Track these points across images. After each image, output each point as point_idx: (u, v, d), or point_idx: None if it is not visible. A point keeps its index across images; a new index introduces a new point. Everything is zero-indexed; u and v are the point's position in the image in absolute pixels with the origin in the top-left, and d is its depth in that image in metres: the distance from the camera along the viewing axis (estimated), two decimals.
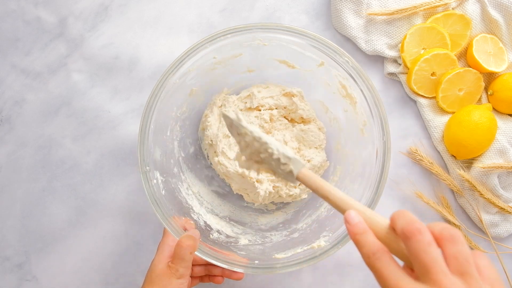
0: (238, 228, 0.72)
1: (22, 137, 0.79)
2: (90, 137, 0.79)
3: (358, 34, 0.79)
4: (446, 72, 0.76)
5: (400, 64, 0.79)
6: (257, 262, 0.61)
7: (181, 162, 0.74)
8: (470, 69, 0.76)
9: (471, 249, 0.77)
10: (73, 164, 0.79)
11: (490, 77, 0.80)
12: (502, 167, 0.74)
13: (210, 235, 0.67)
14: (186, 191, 0.72)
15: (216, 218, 0.72)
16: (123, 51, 0.80)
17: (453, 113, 0.78)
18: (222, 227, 0.71)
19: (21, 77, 0.80)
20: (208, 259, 0.59)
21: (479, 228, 0.78)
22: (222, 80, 0.74)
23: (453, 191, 0.79)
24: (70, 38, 0.80)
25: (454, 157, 0.78)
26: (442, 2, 0.77)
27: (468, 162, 0.77)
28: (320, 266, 0.77)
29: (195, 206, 0.71)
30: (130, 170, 0.78)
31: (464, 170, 0.76)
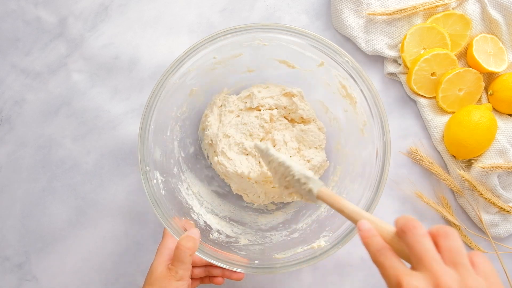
0: (238, 228, 0.72)
1: (22, 137, 0.79)
2: (90, 137, 0.79)
3: (358, 34, 0.79)
4: (446, 72, 0.76)
5: (400, 64, 0.79)
6: (257, 262, 0.61)
7: (181, 162, 0.74)
8: (470, 69, 0.76)
9: (471, 249, 0.77)
10: (73, 164, 0.79)
11: (490, 77, 0.80)
12: (502, 167, 0.74)
13: (210, 235, 0.67)
14: (186, 191, 0.72)
15: (216, 218, 0.72)
16: (123, 51, 0.80)
17: (453, 113, 0.78)
18: (222, 227, 0.71)
19: (21, 77, 0.80)
20: (208, 259, 0.60)
21: (479, 228, 0.78)
22: (222, 80, 0.74)
23: (453, 191, 0.79)
24: (70, 38, 0.80)
25: (454, 157, 0.78)
26: (442, 2, 0.77)
27: (468, 162, 0.77)
28: (320, 266, 0.77)
29: (195, 206, 0.71)
30: (130, 170, 0.78)
31: (464, 170, 0.76)
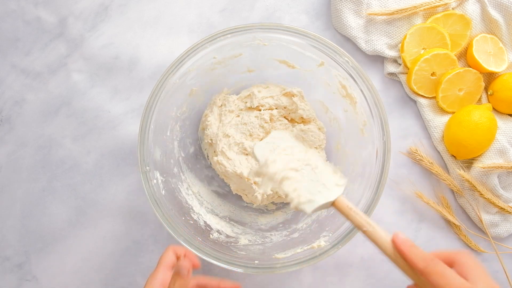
0: (238, 228, 0.72)
1: (22, 137, 0.79)
2: (90, 137, 0.79)
3: (358, 34, 0.79)
4: (446, 72, 0.76)
5: (400, 64, 0.79)
6: (257, 262, 0.61)
7: (181, 162, 0.74)
8: (470, 69, 0.76)
9: (471, 249, 0.77)
10: (73, 164, 0.79)
11: (490, 77, 0.80)
12: (502, 167, 0.74)
13: (210, 235, 0.67)
14: (186, 191, 0.72)
15: (216, 218, 0.72)
16: (123, 51, 0.80)
17: (453, 113, 0.78)
18: (222, 227, 0.71)
19: (21, 77, 0.80)
20: (208, 259, 0.60)
21: (479, 228, 0.78)
22: (222, 80, 0.74)
23: (453, 191, 0.79)
24: (70, 38, 0.80)
25: (454, 157, 0.77)
26: (442, 2, 0.77)
27: (468, 162, 0.77)
28: (320, 266, 0.77)
29: (195, 206, 0.71)
30: (130, 170, 0.78)
31: (464, 170, 0.76)
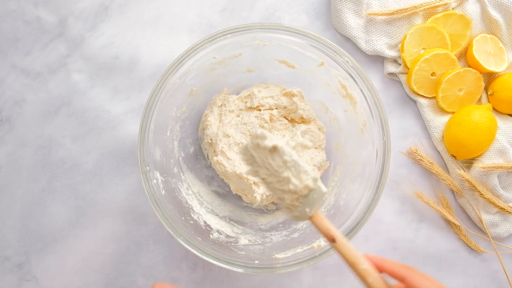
0: (238, 228, 0.72)
1: (22, 137, 0.79)
2: (90, 137, 0.79)
3: (358, 34, 0.79)
4: (446, 72, 0.76)
5: (400, 64, 0.79)
6: (257, 262, 0.61)
7: (181, 162, 0.74)
8: (470, 69, 0.76)
9: (471, 249, 0.77)
10: (73, 164, 0.79)
11: (490, 77, 0.80)
12: (502, 167, 0.74)
13: (210, 235, 0.67)
14: (186, 191, 0.72)
15: (216, 218, 0.72)
16: (123, 51, 0.80)
17: (453, 113, 0.78)
18: (222, 227, 0.71)
19: (21, 77, 0.80)
20: (208, 259, 0.60)
21: (479, 228, 0.78)
22: (222, 80, 0.74)
23: (453, 191, 0.79)
24: (70, 38, 0.80)
25: (454, 157, 0.78)
26: (442, 2, 0.77)
27: (468, 162, 0.77)
28: (320, 266, 0.77)
29: (195, 206, 0.71)
30: (130, 170, 0.78)
31: (464, 170, 0.76)
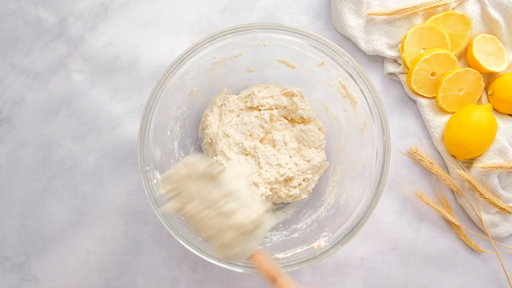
0: None
1: (22, 137, 0.79)
2: (90, 137, 0.79)
3: (358, 34, 0.79)
4: (446, 72, 0.76)
5: (400, 64, 0.79)
6: None
7: None
8: (470, 69, 0.76)
9: (471, 249, 0.77)
10: (73, 164, 0.79)
11: (490, 77, 0.80)
12: (502, 167, 0.74)
13: None
14: None
15: None
16: (123, 51, 0.80)
17: (453, 113, 0.78)
18: None
19: (21, 77, 0.80)
20: (208, 259, 0.60)
21: (479, 228, 0.78)
22: (222, 80, 0.74)
23: (453, 191, 0.79)
24: (70, 38, 0.80)
25: (454, 157, 0.78)
26: (442, 2, 0.77)
27: (468, 162, 0.77)
28: (320, 266, 0.77)
29: None
30: (130, 170, 0.78)
31: (464, 170, 0.76)
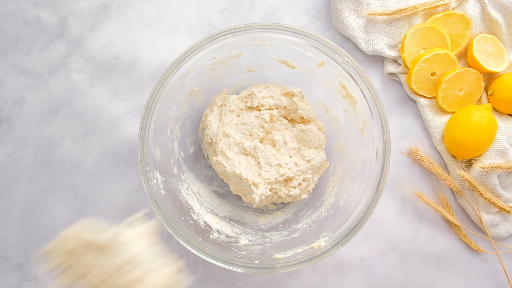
0: (238, 228, 0.72)
1: (22, 137, 0.79)
2: (90, 137, 0.79)
3: (358, 34, 0.79)
4: (446, 72, 0.76)
5: (400, 64, 0.79)
6: (257, 262, 0.61)
7: (181, 162, 0.74)
8: (470, 69, 0.76)
9: (471, 249, 0.77)
10: (73, 164, 0.79)
11: (490, 77, 0.80)
12: (502, 167, 0.74)
13: (210, 235, 0.67)
14: (186, 191, 0.72)
15: (216, 218, 0.72)
16: (123, 51, 0.80)
17: (453, 113, 0.78)
18: (222, 227, 0.71)
19: (21, 77, 0.80)
20: (208, 259, 0.60)
21: (479, 228, 0.78)
22: (222, 80, 0.74)
23: (453, 191, 0.79)
24: (70, 38, 0.80)
25: (454, 157, 0.78)
26: (442, 2, 0.77)
27: (468, 162, 0.77)
28: (320, 266, 0.77)
29: (195, 206, 0.71)
30: (130, 170, 0.78)
31: (464, 170, 0.76)
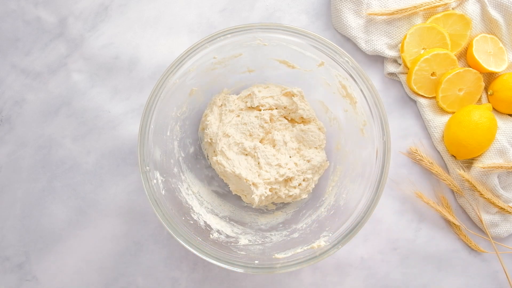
0: (238, 228, 0.72)
1: (22, 137, 0.79)
2: (90, 137, 0.79)
3: (358, 34, 0.79)
4: (446, 72, 0.76)
5: (400, 64, 0.79)
6: (257, 262, 0.61)
7: (181, 162, 0.74)
8: (470, 69, 0.76)
9: (471, 249, 0.77)
10: (73, 164, 0.79)
11: (490, 77, 0.80)
12: (502, 167, 0.74)
13: (210, 235, 0.67)
14: (186, 191, 0.72)
15: (216, 218, 0.72)
16: (123, 51, 0.80)
17: (453, 113, 0.78)
18: (222, 227, 0.71)
19: (21, 77, 0.80)
20: (208, 259, 0.60)
21: (479, 228, 0.78)
22: (222, 80, 0.74)
23: (453, 191, 0.79)
24: (70, 38, 0.80)
25: (454, 157, 0.78)
26: (442, 2, 0.77)
27: (468, 162, 0.77)
28: (320, 266, 0.77)
29: (195, 206, 0.71)
30: (130, 170, 0.78)
31: (464, 170, 0.76)
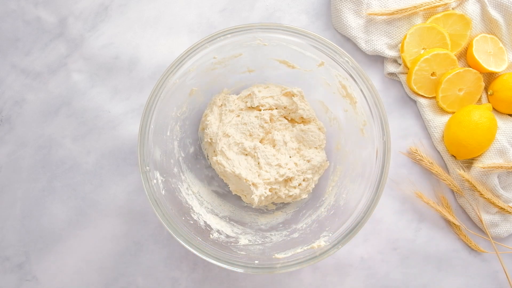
0: (238, 228, 0.72)
1: (22, 137, 0.79)
2: (90, 137, 0.79)
3: (358, 34, 0.79)
4: (446, 72, 0.76)
5: (400, 64, 0.79)
6: (257, 262, 0.61)
7: (181, 162, 0.74)
8: (470, 69, 0.76)
9: (471, 249, 0.77)
10: (73, 164, 0.79)
11: (490, 77, 0.80)
12: (502, 167, 0.74)
13: (210, 235, 0.67)
14: (186, 191, 0.72)
15: (216, 218, 0.72)
16: (123, 51, 0.80)
17: (453, 113, 0.78)
18: (222, 227, 0.71)
19: (21, 77, 0.80)
20: (208, 259, 0.60)
21: (479, 228, 0.78)
22: (222, 80, 0.74)
23: (453, 191, 0.79)
24: (70, 38, 0.80)
25: (454, 157, 0.78)
26: (442, 2, 0.77)
27: (468, 162, 0.77)
28: (320, 266, 0.77)
29: (195, 206, 0.71)
30: (130, 170, 0.78)
31: (464, 170, 0.76)
